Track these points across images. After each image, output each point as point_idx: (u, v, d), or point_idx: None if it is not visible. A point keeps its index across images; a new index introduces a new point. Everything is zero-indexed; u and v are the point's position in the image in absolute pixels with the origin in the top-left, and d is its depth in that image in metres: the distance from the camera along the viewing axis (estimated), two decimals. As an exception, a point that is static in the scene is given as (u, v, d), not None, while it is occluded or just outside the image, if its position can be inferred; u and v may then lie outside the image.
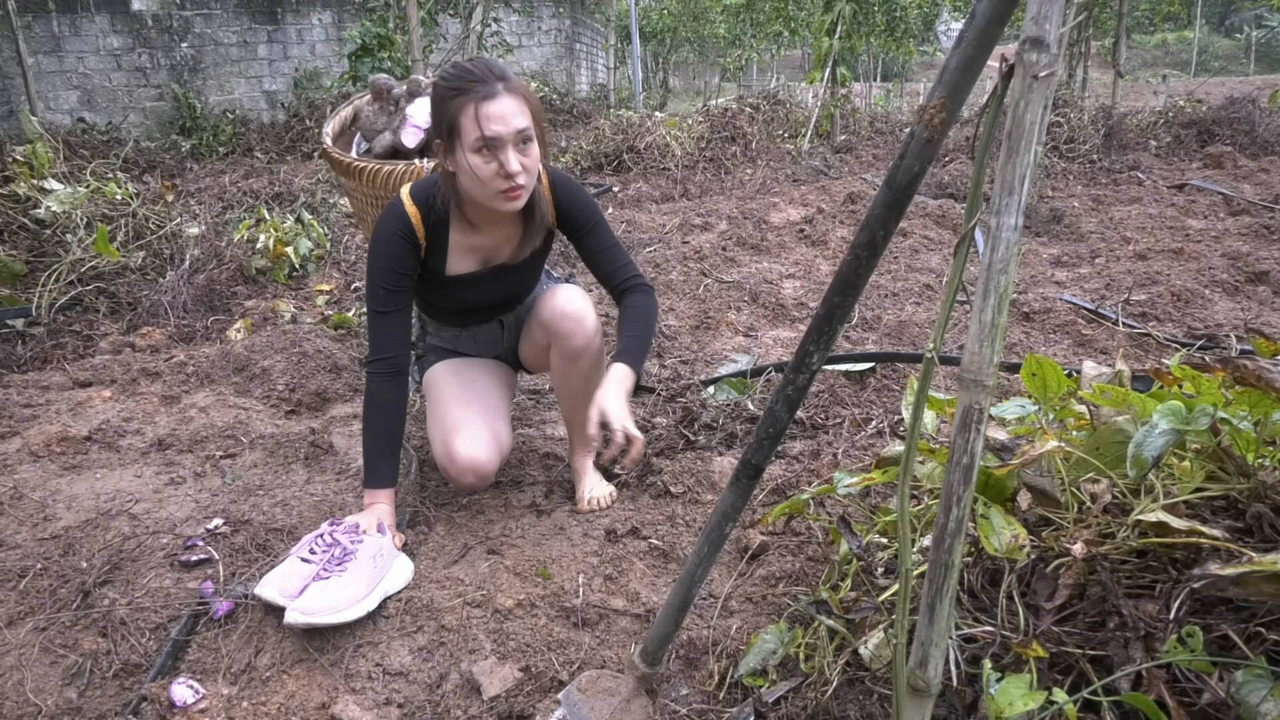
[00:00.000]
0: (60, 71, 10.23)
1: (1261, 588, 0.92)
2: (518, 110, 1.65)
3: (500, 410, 2.00)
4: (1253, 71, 25.54)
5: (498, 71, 1.67)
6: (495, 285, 1.96)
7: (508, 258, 1.92)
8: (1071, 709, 0.94)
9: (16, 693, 1.37)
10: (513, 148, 1.66)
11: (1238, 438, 1.08)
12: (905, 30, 10.99)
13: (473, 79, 1.65)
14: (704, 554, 1.17)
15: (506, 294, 2.02)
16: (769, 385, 2.57)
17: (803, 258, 4.42)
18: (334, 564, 1.60)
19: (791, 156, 7.86)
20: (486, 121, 1.63)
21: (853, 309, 1.23)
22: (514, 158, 1.66)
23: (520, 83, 1.69)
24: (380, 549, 1.64)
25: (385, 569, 1.64)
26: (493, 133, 1.63)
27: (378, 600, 1.59)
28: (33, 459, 2.22)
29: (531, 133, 1.68)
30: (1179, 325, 3.11)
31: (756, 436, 1.09)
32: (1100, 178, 6.44)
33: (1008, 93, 0.76)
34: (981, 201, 0.79)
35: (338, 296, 3.88)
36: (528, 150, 1.68)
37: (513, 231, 1.88)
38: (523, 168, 1.67)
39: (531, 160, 1.69)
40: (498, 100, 1.63)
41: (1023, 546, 1.07)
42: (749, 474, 1.12)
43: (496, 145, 1.64)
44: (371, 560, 1.61)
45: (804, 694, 1.26)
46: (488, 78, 1.65)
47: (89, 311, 3.51)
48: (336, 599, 1.53)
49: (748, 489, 1.13)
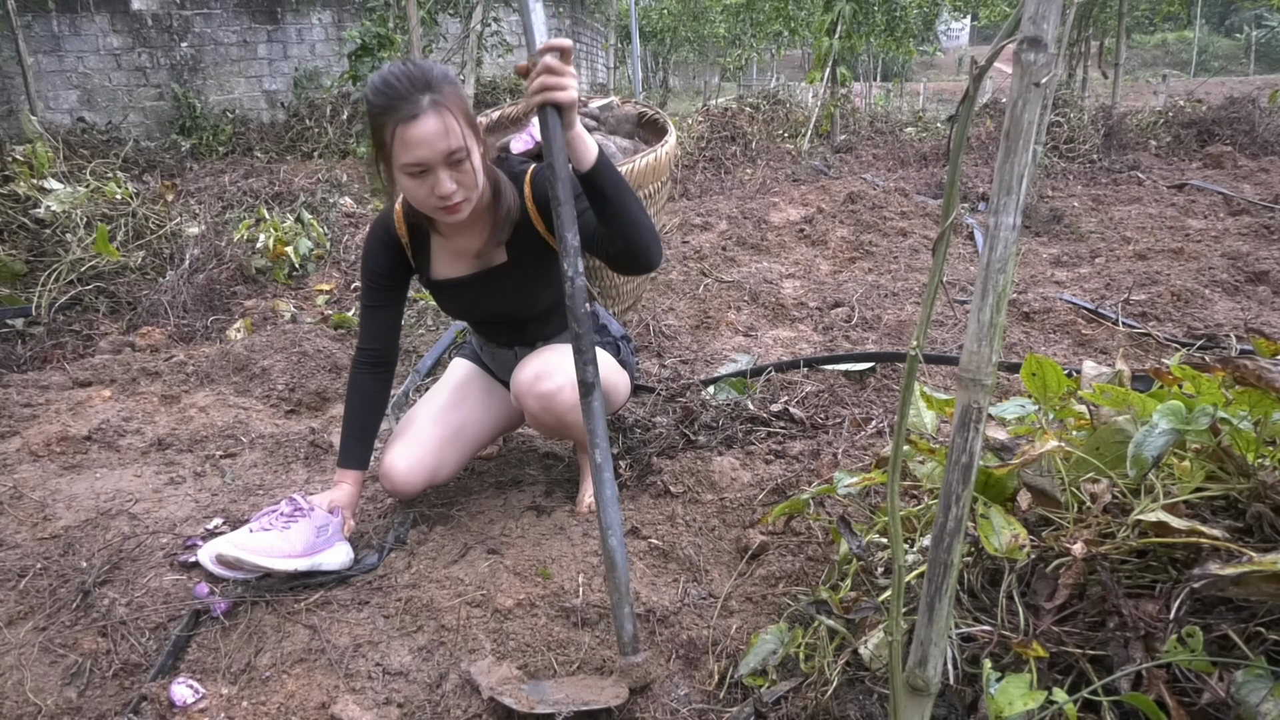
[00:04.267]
0: (60, 71, 10.22)
1: (1261, 588, 0.92)
2: (443, 131, 1.50)
3: (460, 446, 1.94)
4: (1253, 71, 25.53)
5: (421, 83, 1.50)
6: (490, 294, 1.83)
7: (497, 261, 1.80)
8: (1071, 709, 0.94)
9: (16, 692, 1.37)
10: (444, 169, 1.53)
11: (1238, 438, 1.08)
12: (905, 30, 10.98)
13: (396, 95, 1.49)
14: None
15: (506, 307, 1.86)
16: (769, 385, 2.57)
17: (803, 257, 4.42)
18: (279, 520, 1.68)
19: (791, 156, 7.86)
20: (411, 147, 1.50)
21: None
22: (445, 180, 1.54)
23: (449, 91, 1.52)
24: (326, 524, 1.71)
25: (326, 545, 1.70)
26: (418, 159, 1.51)
27: (309, 566, 1.65)
28: (32, 459, 2.22)
29: (464, 152, 1.53)
30: (1179, 325, 3.11)
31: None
32: (1100, 177, 6.44)
33: (1013, 92, 0.76)
34: (958, 200, 0.79)
35: (337, 296, 3.88)
36: (462, 167, 1.55)
37: (483, 229, 1.75)
38: (458, 185, 1.56)
39: (467, 176, 1.56)
40: (421, 121, 1.49)
41: (1022, 546, 1.07)
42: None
43: (425, 169, 1.53)
44: (315, 530, 1.68)
45: (804, 694, 1.26)
46: (410, 93, 1.49)
47: (89, 311, 3.51)
48: (270, 545, 1.62)
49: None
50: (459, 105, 1.53)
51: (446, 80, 1.54)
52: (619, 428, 2.30)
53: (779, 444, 2.16)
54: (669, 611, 1.56)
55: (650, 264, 1.66)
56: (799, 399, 2.45)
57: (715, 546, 1.77)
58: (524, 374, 1.75)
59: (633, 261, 1.65)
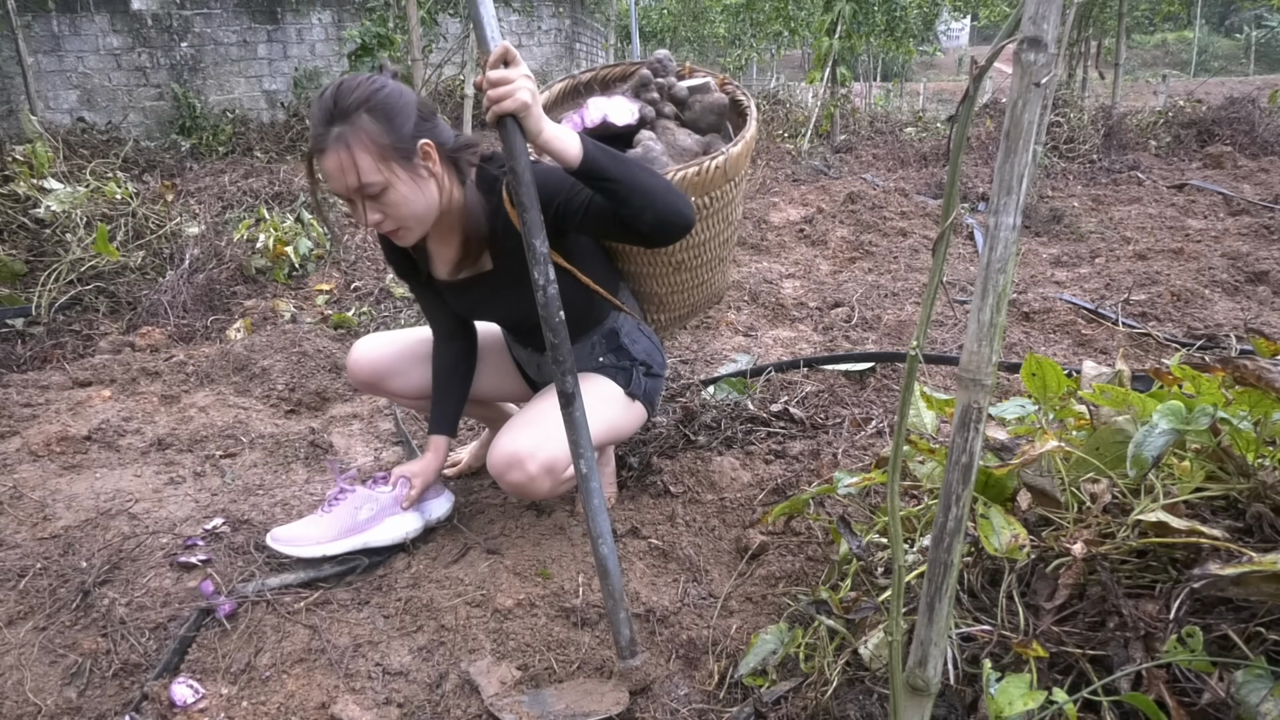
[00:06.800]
0: (60, 71, 10.22)
1: (1261, 588, 0.92)
2: (346, 167, 1.43)
3: (427, 371, 1.90)
4: (1252, 71, 25.54)
5: (326, 114, 1.43)
6: (484, 300, 1.77)
7: (485, 269, 1.73)
8: (1071, 709, 0.94)
9: (16, 692, 1.37)
10: (363, 200, 1.47)
11: (1238, 438, 1.08)
12: (905, 30, 10.98)
13: (312, 122, 1.45)
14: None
15: (502, 312, 1.81)
16: (769, 385, 2.57)
17: (803, 257, 4.42)
18: (327, 505, 1.74)
19: (791, 156, 7.86)
20: (326, 178, 1.47)
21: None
22: (366, 210, 1.48)
23: (363, 121, 1.43)
24: (370, 501, 1.73)
25: (371, 523, 1.73)
26: (333, 190, 1.48)
27: (346, 548, 1.70)
28: (32, 459, 2.22)
29: (375, 188, 1.45)
30: (1179, 325, 3.11)
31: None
32: (1100, 178, 6.44)
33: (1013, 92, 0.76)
34: (958, 200, 0.79)
35: (337, 296, 3.88)
36: (383, 199, 1.47)
37: (456, 242, 1.68)
38: (384, 215, 1.50)
39: (394, 207, 1.49)
40: (326, 157, 1.44)
41: (1022, 546, 1.07)
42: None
43: (348, 199, 1.49)
44: (353, 510, 1.72)
45: (804, 694, 1.26)
46: (319, 123, 1.43)
47: (89, 311, 3.51)
48: (303, 534, 1.68)
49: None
50: (372, 136, 1.43)
51: (365, 106, 1.43)
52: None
53: (779, 444, 2.16)
54: (669, 611, 1.56)
55: (688, 222, 1.50)
56: (799, 399, 2.45)
57: (715, 546, 1.77)
58: (497, 454, 1.62)
59: (668, 228, 1.50)
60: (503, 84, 1.26)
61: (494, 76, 1.26)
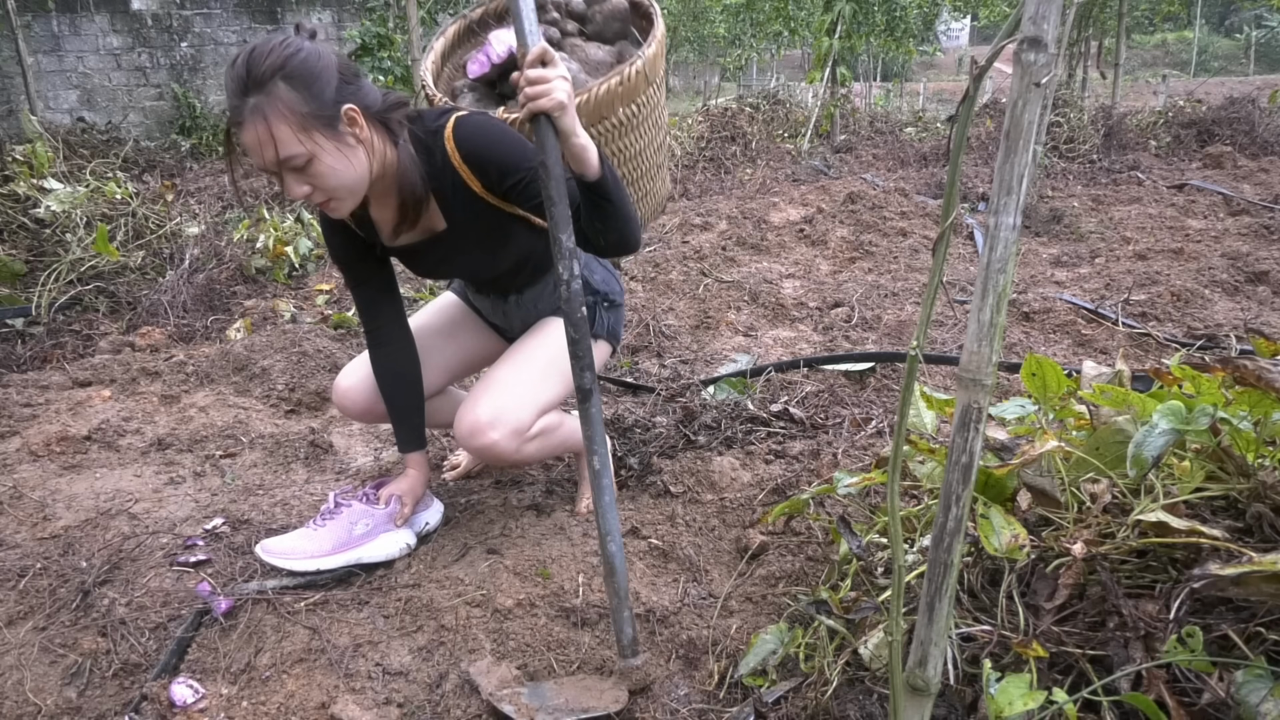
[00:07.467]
0: (60, 71, 10.22)
1: (1261, 588, 0.92)
2: (264, 141, 1.36)
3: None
4: (1252, 71, 25.53)
5: (239, 85, 1.36)
6: (443, 259, 1.73)
7: (439, 228, 1.68)
8: (1071, 709, 0.94)
9: (16, 692, 1.37)
10: (286, 173, 1.41)
11: (1238, 438, 1.08)
12: (905, 30, 10.97)
13: (228, 94, 1.38)
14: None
15: (464, 269, 1.78)
16: (769, 385, 2.57)
17: (803, 257, 4.43)
18: (321, 519, 1.72)
19: (791, 156, 7.85)
20: (245, 152, 1.42)
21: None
22: (292, 184, 1.43)
23: (279, 90, 1.35)
24: (365, 518, 1.72)
25: (366, 539, 1.72)
26: (255, 165, 1.42)
27: (341, 564, 1.69)
28: (32, 459, 2.22)
29: (299, 159, 1.39)
30: (1179, 325, 3.11)
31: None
32: (1100, 178, 6.44)
33: (1013, 92, 0.76)
34: (958, 200, 0.79)
35: (337, 296, 3.88)
36: (309, 170, 1.41)
37: (392, 203, 1.60)
38: (312, 187, 1.44)
39: (321, 178, 1.43)
40: (244, 130, 1.38)
41: (1022, 546, 1.07)
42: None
43: (272, 172, 1.43)
44: (348, 525, 1.70)
45: (804, 694, 1.26)
46: (235, 95, 1.37)
47: (89, 311, 3.51)
48: (295, 547, 1.67)
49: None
50: (290, 105, 1.36)
51: (281, 73, 1.35)
52: (619, 428, 2.30)
53: (779, 444, 2.16)
54: (669, 611, 1.56)
55: (636, 248, 1.59)
56: (799, 399, 2.45)
57: (715, 546, 1.77)
58: (464, 421, 1.64)
59: (621, 250, 1.59)
60: (540, 83, 1.27)
61: (532, 75, 1.27)
